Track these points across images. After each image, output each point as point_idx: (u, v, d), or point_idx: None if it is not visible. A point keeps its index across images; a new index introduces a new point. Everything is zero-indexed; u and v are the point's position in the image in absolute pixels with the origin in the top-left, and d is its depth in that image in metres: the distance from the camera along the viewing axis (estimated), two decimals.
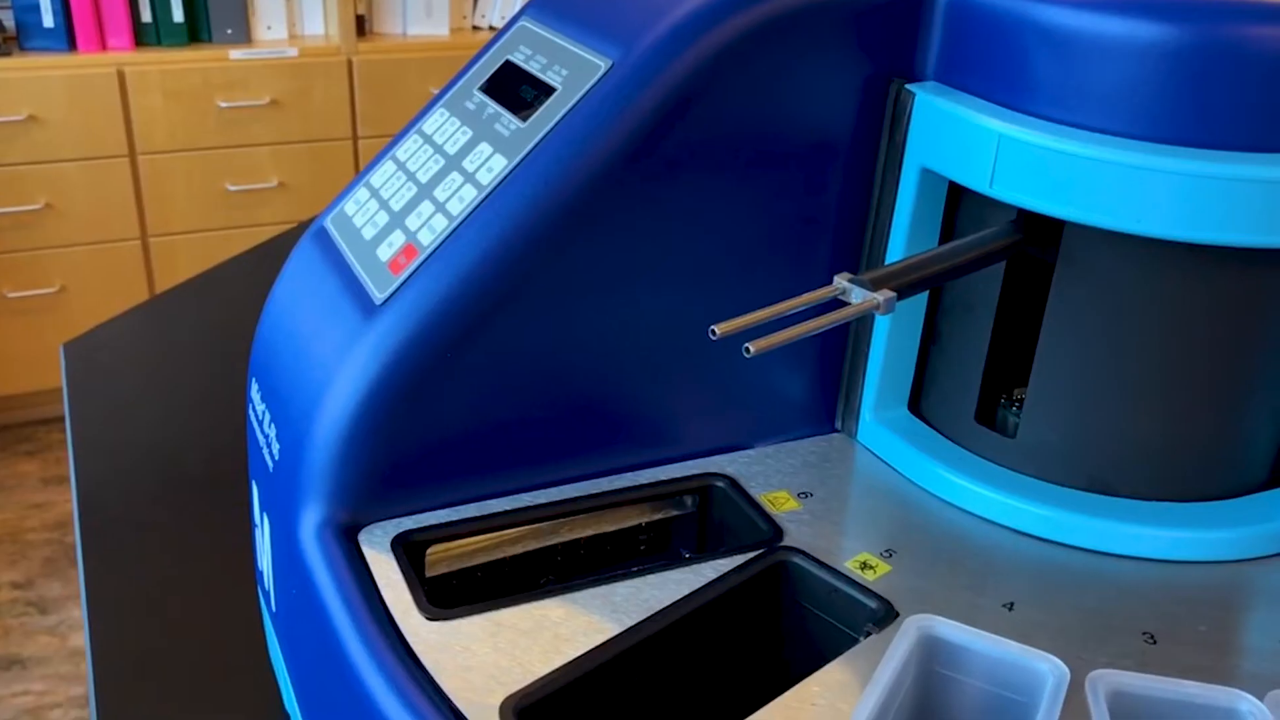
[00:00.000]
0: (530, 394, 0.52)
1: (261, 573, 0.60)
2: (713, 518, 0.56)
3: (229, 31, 2.46)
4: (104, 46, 2.36)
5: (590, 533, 0.55)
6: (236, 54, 2.40)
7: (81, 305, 2.43)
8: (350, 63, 2.49)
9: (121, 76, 2.31)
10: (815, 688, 0.43)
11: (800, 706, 0.42)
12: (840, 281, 0.43)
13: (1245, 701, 0.44)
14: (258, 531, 0.60)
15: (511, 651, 0.44)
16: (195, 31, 2.45)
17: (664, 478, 0.56)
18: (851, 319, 0.43)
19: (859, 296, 0.43)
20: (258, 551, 0.60)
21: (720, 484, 0.55)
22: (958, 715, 0.47)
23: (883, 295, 0.43)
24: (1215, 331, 0.51)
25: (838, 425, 0.61)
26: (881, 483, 0.57)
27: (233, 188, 2.45)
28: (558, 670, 0.42)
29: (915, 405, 0.60)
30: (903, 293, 0.44)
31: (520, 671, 0.43)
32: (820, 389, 0.60)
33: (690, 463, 0.57)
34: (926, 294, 0.57)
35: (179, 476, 0.86)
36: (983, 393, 0.57)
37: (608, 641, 0.44)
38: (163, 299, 1.20)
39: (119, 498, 0.83)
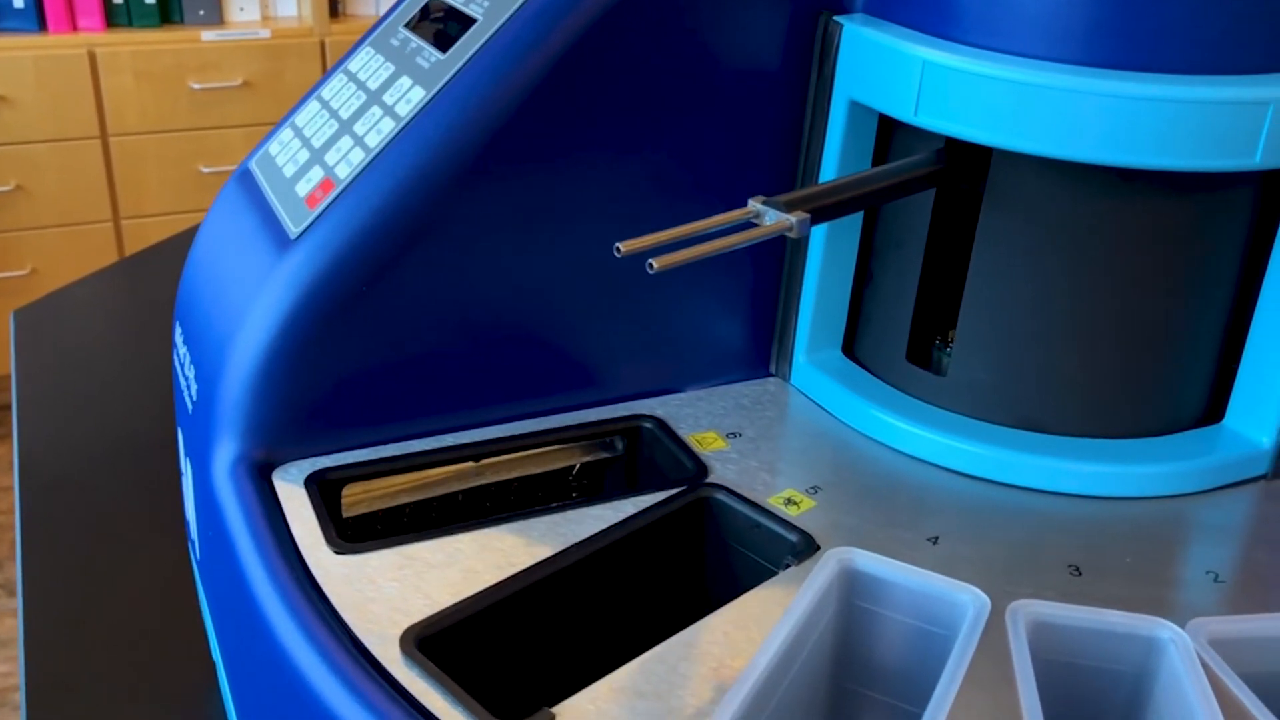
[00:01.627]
0: (450, 332, 0.51)
1: (189, 523, 0.59)
2: (642, 459, 0.55)
3: (201, 13, 2.43)
4: (75, 27, 2.34)
5: (518, 475, 0.54)
6: (209, 35, 2.38)
7: (52, 288, 2.40)
8: (323, 44, 2.47)
9: (93, 57, 2.29)
10: (730, 617, 0.43)
11: (712, 636, 0.42)
12: (754, 204, 0.42)
13: (1166, 629, 0.43)
14: (184, 480, 0.59)
15: (419, 584, 0.43)
16: (167, 12, 2.43)
17: (591, 420, 0.55)
18: (762, 239, 0.42)
19: (772, 218, 0.42)
20: (185, 501, 0.59)
21: (648, 425, 0.54)
22: (880, 650, 0.47)
23: (796, 217, 0.42)
24: (1146, 263, 0.50)
25: (772, 369, 0.60)
26: (812, 423, 0.56)
27: (206, 169, 2.43)
28: (463, 602, 0.42)
29: (850, 348, 0.59)
30: (817, 216, 0.43)
31: (426, 604, 0.42)
32: (753, 333, 0.59)
33: (620, 405, 0.56)
34: (858, 234, 0.56)
35: (126, 442, 0.85)
36: (917, 334, 0.56)
37: (517, 574, 0.43)
38: (119, 267, 1.18)
39: (60, 462, 0.82)
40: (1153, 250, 0.50)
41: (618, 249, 0.40)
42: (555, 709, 0.37)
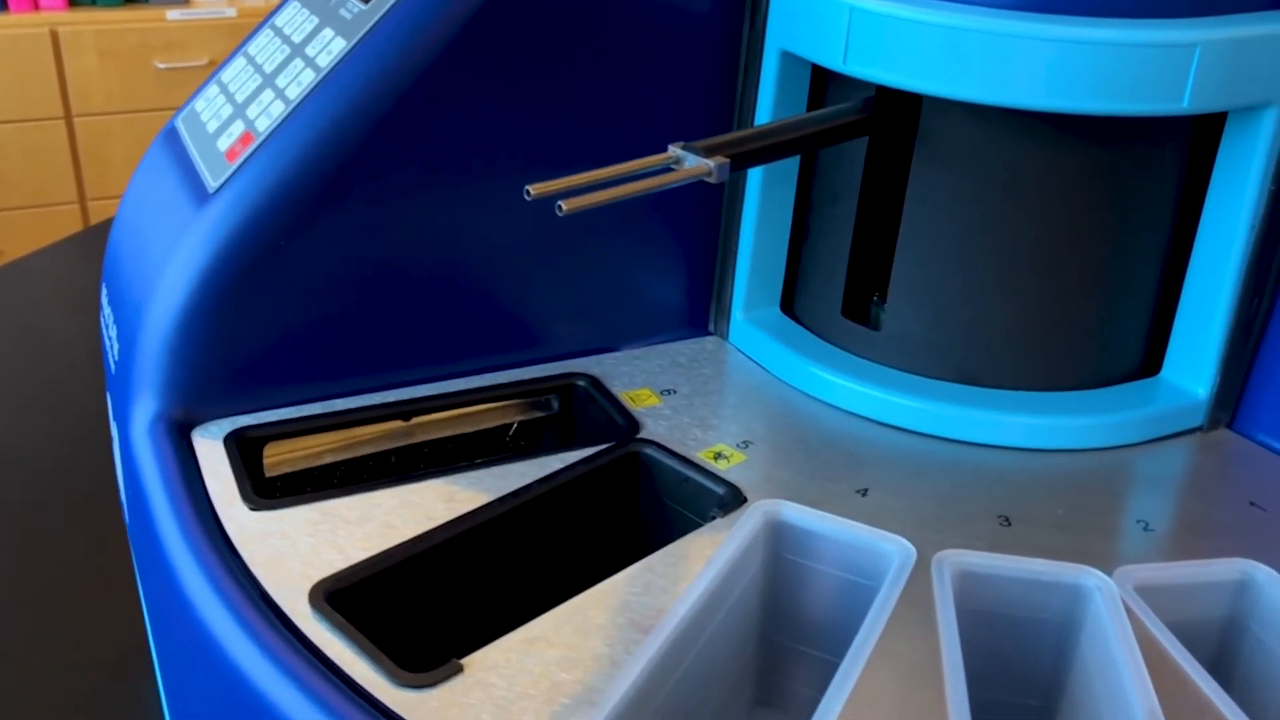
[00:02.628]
0: (375, 289, 0.50)
1: (121, 487, 0.58)
2: (576, 417, 0.54)
3: None
4: (36, 6, 2.30)
5: (452, 434, 0.54)
6: (174, 14, 2.35)
7: None
8: None
9: (55, 37, 2.26)
10: (650, 569, 0.42)
11: (631, 588, 0.41)
12: (674, 149, 0.42)
13: (1092, 577, 0.42)
14: (114, 445, 0.58)
15: (334, 540, 0.42)
16: None
17: (524, 378, 0.54)
18: (679, 184, 0.41)
19: (691, 163, 0.41)
20: (116, 465, 0.58)
21: (581, 383, 0.54)
22: (809, 603, 0.46)
23: (715, 162, 0.41)
24: (1079, 213, 0.50)
25: (711, 328, 0.59)
26: (748, 380, 0.55)
27: None
28: (377, 556, 0.41)
29: (789, 306, 0.59)
30: (737, 161, 0.42)
31: (341, 559, 0.41)
32: (690, 291, 0.58)
33: (555, 364, 0.56)
34: (794, 189, 0.56)
35: (71, 412, 0.84)
36: (855, 290, 0.55)
37: (434, 529, 0.42)
38: (77, 240, 1.17)
39: (10, 433, 0.81)
40: (1085, 200, 0.50)
41: (527, 191, 0.39)
42: (464, 660, 0.37)
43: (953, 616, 0.40)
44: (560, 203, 0.38)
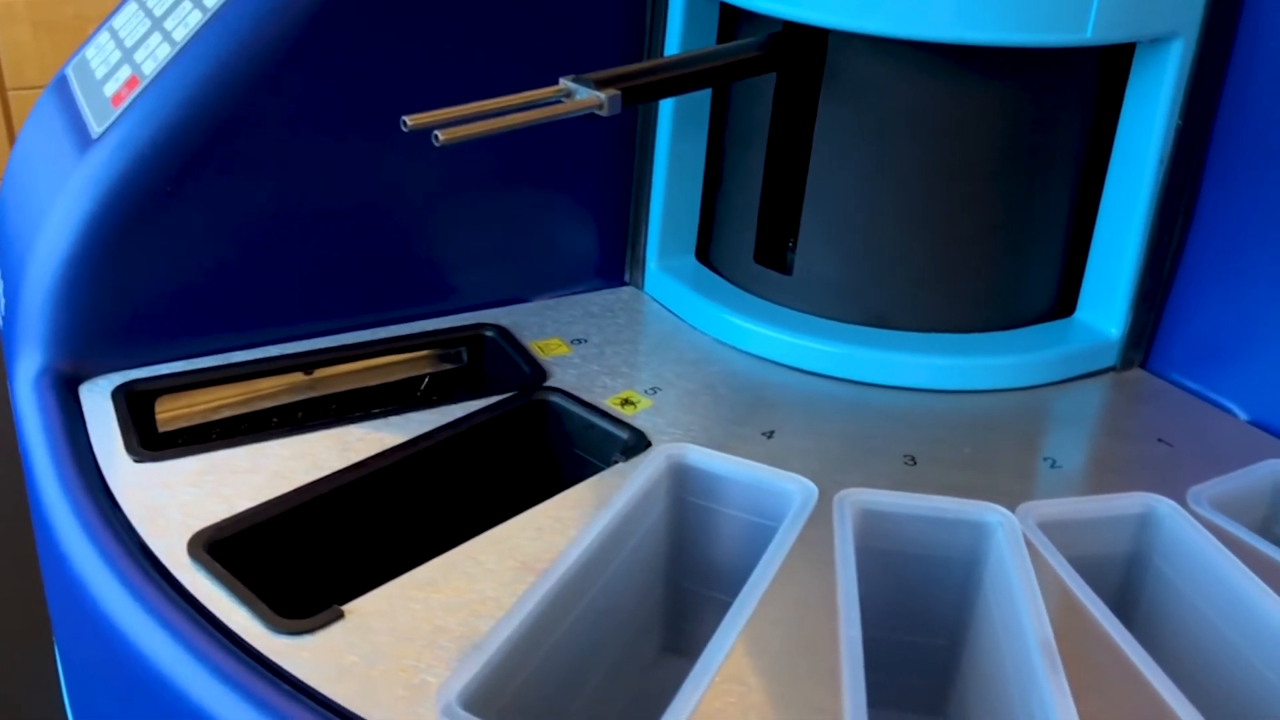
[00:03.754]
0: (271, 237, 0.49)
1: None
2: (485, 369, 0.53)
3: None
4: None
5: (357, 386, 0.52)
6: None
7: None
8: None
9: None
10: (546, 513, 0.41)
11: (524, 532, 0.40)
12: (564, 81, 0.40)
13: (995, 513, 0.42)
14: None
15: (220, 491, 0.41)
16: None
17: (430, 329, 0.53)
18: (567, 116, 0.40)
19: (583, 95, 0.40)
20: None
21: (490, 334, 0.53)
22: (715, 547, 0.45)
23: (606, 95, 0.40)
24: (986, 150, 0.49)
25: (627, 278, 0.58)
26: (661, 329, 0.54)
27: None
28: (261, 505, 0.40)
29: (705, 254, 0.58)
30: (629, 95, 0.41)
31: (225, 510, 0.40)
32: (604, 241, 0.57)
33: (465, 315, 0.55)
34: (705, 134, 0.55)
35: None
36: (767, 235, 0.54)
37: (325, 477, 0.41)
38: None
39: None
40: (992, 138, 0.49)
41: (404, 122, 0.37)
42: (347, 606, 0.36)
43: (851, 554, 0.40)
44: (437, 133, 0.37)
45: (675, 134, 0.54)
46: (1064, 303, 0.54)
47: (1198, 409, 0.50)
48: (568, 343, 0.52)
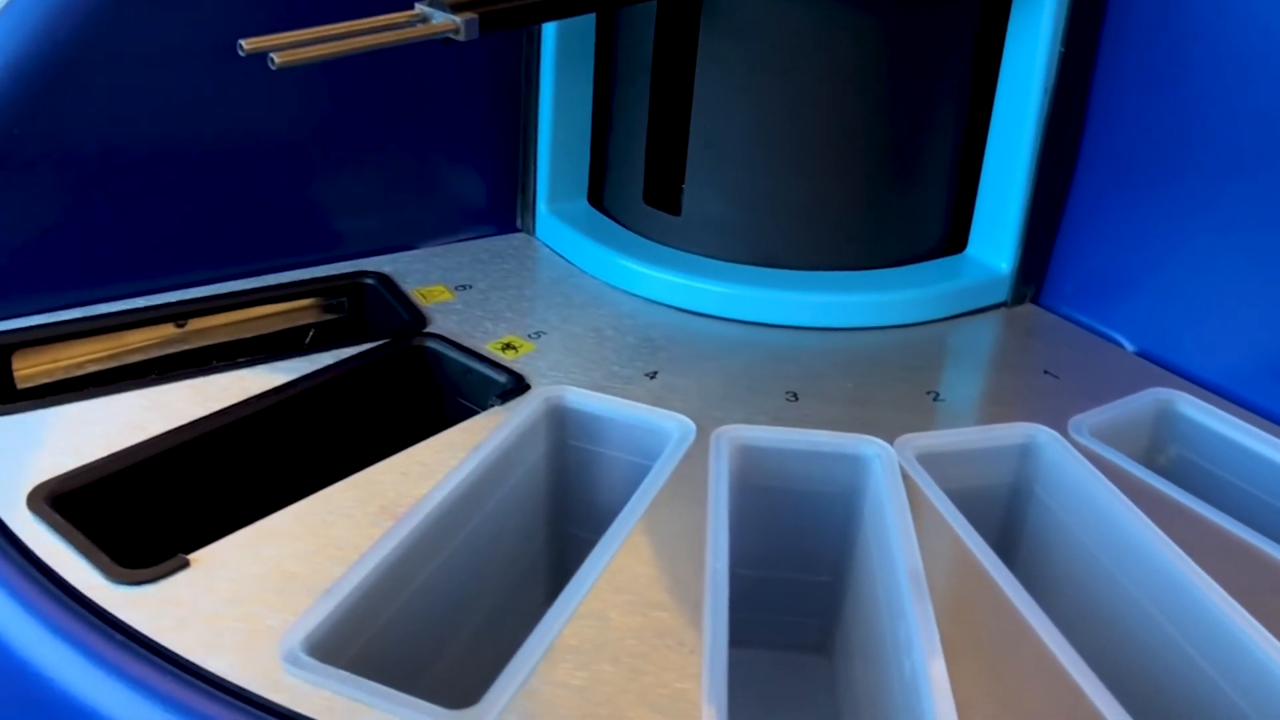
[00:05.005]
0: (135, 183, 0.47)
1: None
2: (367, 317, 0.52)
3: None
4: None
5: (233, 338, 0.51)
6: None
7: None
8: None
9: None
10: (413, 457, 0.40)
11: (388, 477, 0.38)
12: (419, 6, 0.39)
13: (873, 445, 0.41)
14: None
15: (71, 443, 0.39)
16: None
17: (306, 278, 0.51)
18: (420, 40, 0.38)
19: (438, 19, 0.39)
20: None
21: (370, 281, 0.51)
22: (598, 490, 0.44)
23: (462, 19, 0.38)
24: (869, 85, 0.48)
25: (519, 223, 0.57)
26: (551, 274, 0.53)
27: None
28: (111, 458, 0.38)
29: (598, 198, 0.57)
30: (487, 21, 0.39)
31: (75, 462, 0.38)
32: (493, 186, 0.56)
33: (348, 263, 0.53)
34: (590, 74, 0.53)
35: None
36: (655, 175, 0.53)
37: (181, 427, 0.40)
38: None
39: None
40: (874, 71, 0.48)
41: (241, 46, 0.36)
42: (193, 555, 0.34)
43: (724, 490, 0.39)
44: (272, 55, 0.35)
45: (559, 72, 0.52)
46: (956, 239, 0.54)
47: (1087, 342, 0.50)
48: (452, 289, 0.51)
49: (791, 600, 0.44)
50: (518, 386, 0.43)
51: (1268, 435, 0.43)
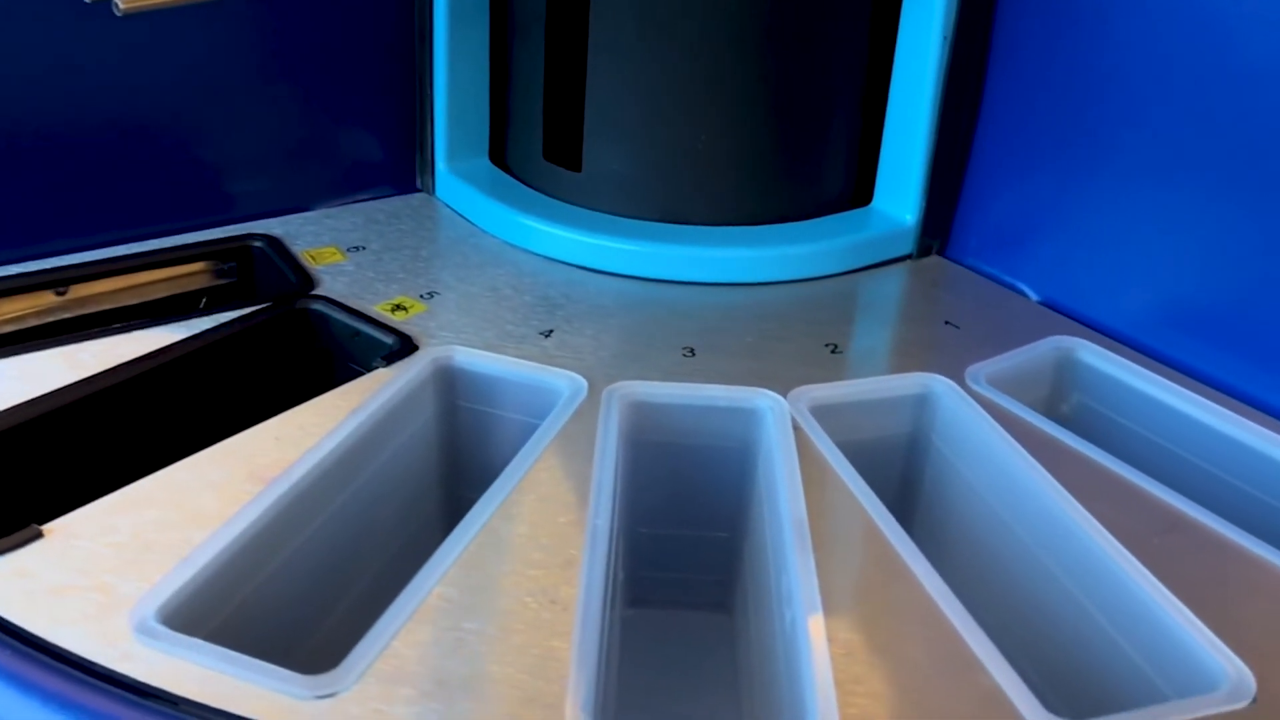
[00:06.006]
0: (5, 140, 0.45)
1: None
2: (256, 281, 0.50)
3: None
4: None
5: (123, 304, 0.49)
6: None
7: None
8: None
9: None
10: (289, 422, 0.38)
11: (259, 443, 0.37)
12: None
13: (766, 398, 0.41)
14: None
15: None
16: None
17: (191, 242, 0.49)
18: None
19: None
20: None
21: (258, 245, 0.49)
22: (492, 453, 0.43)
23: None
24: (768, 36, 0.47)
25: (419, 184, 0.55)
26: (450, 234, 0.52)
27: None
28: None
29: (502, 157, 0.55)
30: None
31: None
32: (390, 145, 0.54)
33: (239, 226, 0.51)
34: (486, 29, 0.52)
35: None
36: (555, 130, 0.52)
37: (44, 396, 0.38)
38: None
39: None
40: (771, 23, 0.47)
41: None
42: (47, 526, 0.33)
43: (612, 446, 0.38)
44: (117, 1, 0.33)
45: (453, 26, 0.51)
46: (862, 192, 0.53)
47: (992, 292, 0.50)
48: (344, 250, 0.49)
49: (692, 557, 0.43)
50: (404, 347, 0.42)
51: (1166, 381, 0.43)
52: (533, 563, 0.33)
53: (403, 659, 0.29)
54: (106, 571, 0.31)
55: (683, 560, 0.43)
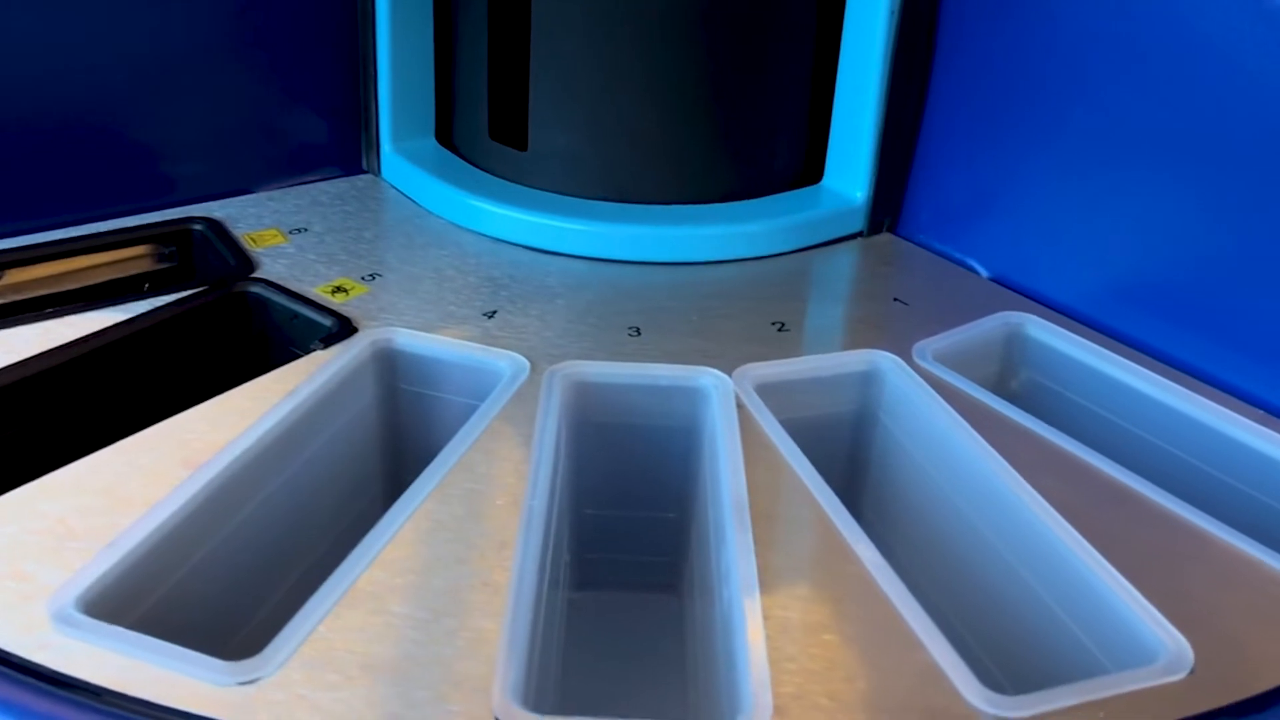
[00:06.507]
0: None
1: None
2: (196, 265, 0.49)
3: None
4: None
5: (58, 290, 0.48)
6: None
7: None
8: None
9: None
10: (223, 406, 0.37)
11: (191, 427, 0.36)
12: None
13: (710, 377, 0.40)
14: None
15: None
16: None
17: (129, 225, 0.48)
18: None
19: None
20: None
21: (198, 227, 0.48)
22: (436, 437, 0.43)
23: None
24: (721, 11, 0.47)
25: (365, 165, 0.54)
26: (395, 215, 0.51)
27: None
28: None
29: (448, 137, 0.54)
30: None
31: None
32: (335, 125, 0.53)
33: (182, 209, 0.50)
34: (431, 9, 0.51)
35: None
36: (500, 109, 0.51)
37: None
38: None
39: None
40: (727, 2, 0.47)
41: None
42: None
43: (552, 427, 0.37)
44: None
45: (395, 3, 0.50)
46: (813, 170, 0.52)
47: (942, 269, 0.50)
48: (285, 233, 0.48)
49: (640, 539, 0.43)
50: (343, 330, 0.41)
51: (1115, 356, 0.43)
52: (467, 545, 0.32)
53: (328, 643, 0.29)
54: (27, 559, 0.30)
55: (631, 542, 0.43)
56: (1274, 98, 0.39)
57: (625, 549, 0.43)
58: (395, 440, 0.43)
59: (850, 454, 0.43)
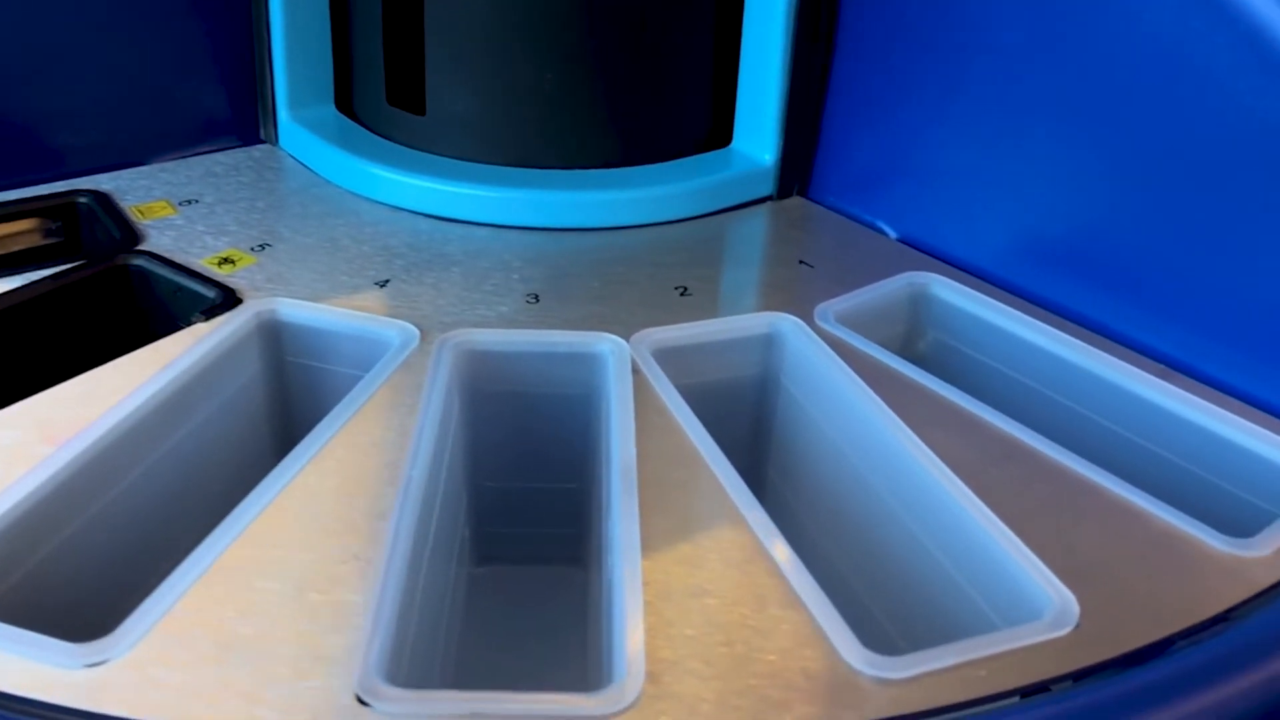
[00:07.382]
0: None
1: None
2: (83, 239, 0.47)
3: None
4: None
5: None
6: None
7: None
8: None
9: None
10: (96, 379, 0.36)
11: (56, 406, 0.34)
12: None
13: (607, 342, 0.39)
14: None
15: None
16: None
17: (10, 199, 0.46)
18: None
19: None
20: None
21: (83, 200, 0.47)
22: (323, 408, 0.41)
23: None
24: None
25: (263, 134, 0.53)
26: (290, 185, 0.49)
27: None
28: None
29: (348, 105, 0.53)
30: None
31: None
32: (229, 93, 0.51)
33: (69, 182, 0.48)
34: None
35: None
36: (397, 73, 0.49)
37: None
38: None
39: None
40: None
41: None
42: None
43: (439, 396, 0.36)
44: None
45: None
46: (721, 133, 0.52)
47: (851, 231, 0.49)
48: (175, 204, 0.47)
49: (543, 511, 0.42)
50: (226, 301, 0.40)
51: (1019, 314, 0.43)
52: (341, 518, 0.31)
53: (184, 622, 0.27)
54: None
55: (534, 514, 0.42)
56: (1175, 56, 0.38)
57: (528, 522, 0.42)
58: (285, 414, 0.41)
59: (754, 418, 0.42)
